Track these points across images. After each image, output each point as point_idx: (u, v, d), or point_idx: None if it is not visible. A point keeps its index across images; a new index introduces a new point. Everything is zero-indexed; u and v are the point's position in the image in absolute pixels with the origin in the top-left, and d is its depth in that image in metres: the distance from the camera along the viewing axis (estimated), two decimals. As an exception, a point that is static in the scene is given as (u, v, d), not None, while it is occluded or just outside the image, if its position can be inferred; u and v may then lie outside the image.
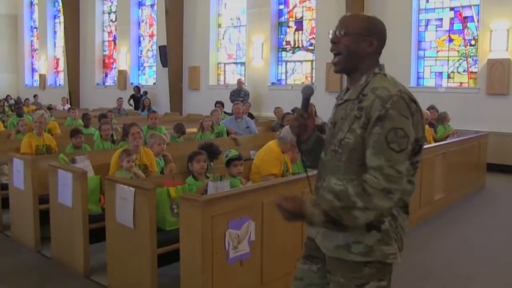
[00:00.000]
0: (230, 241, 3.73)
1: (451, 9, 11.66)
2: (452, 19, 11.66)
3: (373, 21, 2.15)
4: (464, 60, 11.55)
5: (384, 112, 1.91)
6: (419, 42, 12.10)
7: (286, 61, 14.59)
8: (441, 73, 11.89)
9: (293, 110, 9.21)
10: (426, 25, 12.03)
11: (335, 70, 2.18)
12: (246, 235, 3.86)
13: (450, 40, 11.71)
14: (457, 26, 11.60)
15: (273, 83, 14.60)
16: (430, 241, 5.95)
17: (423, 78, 12.12)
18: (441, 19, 11.82)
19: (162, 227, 4.42)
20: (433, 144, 7.80)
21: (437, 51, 11.91)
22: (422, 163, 6.46)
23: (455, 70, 11.69)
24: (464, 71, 11.58)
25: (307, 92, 2.26)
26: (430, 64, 12.04)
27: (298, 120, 2.23)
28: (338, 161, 2.07)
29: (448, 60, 11.78)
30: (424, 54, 12.08)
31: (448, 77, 11.78)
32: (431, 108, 9.72)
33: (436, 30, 11.92)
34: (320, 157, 2.23)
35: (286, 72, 14.59)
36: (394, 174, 1.89)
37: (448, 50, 11.74)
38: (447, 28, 11.72)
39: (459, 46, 11.59)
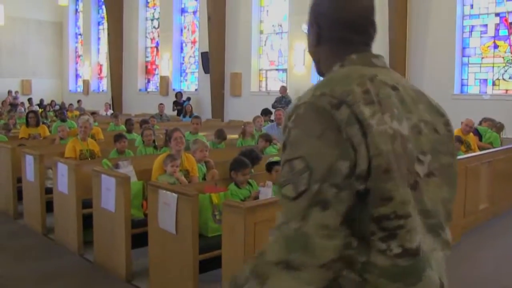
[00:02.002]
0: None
1: (496, 14, 11.35)
2: (497, 25, 11.35)
3: None
4: (510, 66, 11.22)
5: (286, 135, 1.26)
6: (463, 48, 11.81)
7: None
8: (485, 80, 11.58)
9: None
10: (471, 31, 11.74)
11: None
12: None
13: (495, 46, 11.40)
14: (503, 32, 11.28)
15: (314, 90, 14.50)
16: (475, 252, 5.76)
17: (467, 85, 11.82)
18: (486, 25, 11.52)
19: (204, 233, 4.42)
20: (478, 152, 7.57)
21: (482, 58, 11.60)
22: (466, 172, 6.32)
23: (500, 77, 11.36)
24: (510, 78, 11.25)
25: None
26: (475, 71, 11.74)
27: None
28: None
29: (493, 66, 11.46)
30: (468, 61, 11.78)
31: (493, 84, 11.46)
32: (487, 120, 9.34)
33: (480, 36, 11.62)
34: None
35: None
36: (292, 236, 1.18)
37: (493, 57, 11.42)
38: (492, 34, 11.42)
39: (505, 52, 11.26)
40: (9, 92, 22.45)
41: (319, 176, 1.18)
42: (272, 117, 11.98)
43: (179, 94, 17.06)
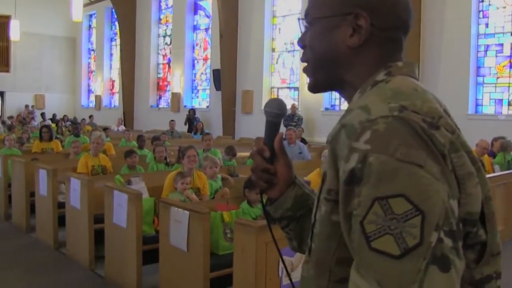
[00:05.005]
0: (284, 268, 3.66)
1: (512, 34, 11.33)
2: (513, 44, 11.32)
3: None
4: (526, 86, 11.17)
5: (356, 161, 0.88)
6: (478, 68, 11.78)
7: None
8: (501, 100, 11.52)
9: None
10: (486, 51, 11.71)
11: (309, 90, 1.20)
12: (299, 263, 3.79)
13: (511, 66, 11.34)
14: (519, 51, 11.25)
15: (326, 109, 14.52)
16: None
17: (482, 105, 11.76)
18: (501, 44, 11.48)
19: (215, 251, 4.41)
20: (493, 174, 7.51)
21: (497, 78, 11.55)
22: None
23: (516, 97, 11.31)
24: (525, 98, 11.20)
25: (274, 110, 1.27)
26: (490, 90, 11.68)
27: (259, 162, 1.25)
28: (307, 256, 1.08)
29: (509, 86, 11.39)
30: (483, 81, 11.73)
31: (509, 104, 11.38)
32: (498, 138, 9.25)
33: (496, 56, 11.58)
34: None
35: (340, 97, 14.48)
36: None
37: (509, 76, 11.36)
38: (508, 54, 11.36)
39: (521, 72, 11.22)
40: (26, 106, 22.79)
41: (434, 222, 0.84)
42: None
43: (192, 111, 17.13)
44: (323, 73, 1.12)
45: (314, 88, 1.17)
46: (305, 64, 1.17)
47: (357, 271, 0.87)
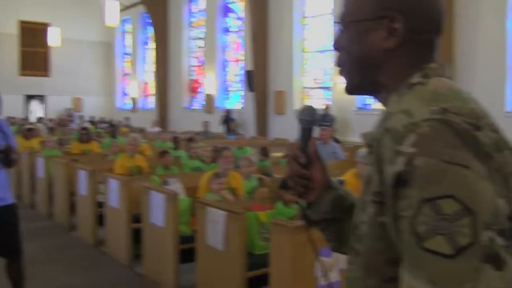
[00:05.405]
0: (320, 268, 3.71)
1: (550, 29, 11.06)
2: (550, 39, 11.05)
3: None
4: None
5: (403, 164, 0.90)
6: (515, 64, 11.53)
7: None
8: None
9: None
10: (523, 46, 11.44)
11: (346, 92, 1.22)
12: (336, 263, 3.82)
13: (549, 61, 11.08)
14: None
15: (359, 108, 14.46)
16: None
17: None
18: (539, 40, 11.21)
19: (251, 251, 4.47)
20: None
21: (536, 74, 11.28)
22: None
23: (555, 93, 11.04)
24: None
25: (306, 117, 1.33)
26: (527, 88, 11.42)
27: (295, 169, 1.30)
28: (353, 258, 1.09)
29: (547, 82, 11.13)
30: (520, 77, 11.48)
31: (547, 100, 11.12)
32: None
33: (534, 51, 11.30)
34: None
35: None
36: None
37: (547, 72, 11.10)
38: (546, 49, 11.10)
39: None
40: (66, 109, 23.47)
41: (484, 221, 0.85)
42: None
43: (228, 112, 17.25)
44: (359, 75, 1.15)
45: (351, 90, 1.20)
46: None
47: (409, 271, 0.89)
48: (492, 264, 0.84)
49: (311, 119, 1.32)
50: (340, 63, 1.19)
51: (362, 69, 1.13)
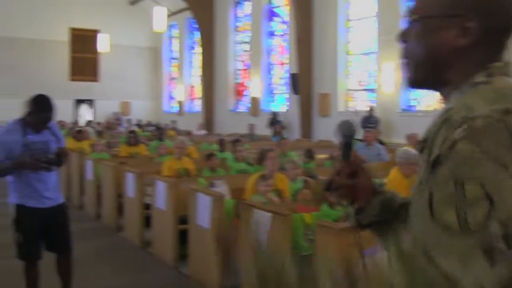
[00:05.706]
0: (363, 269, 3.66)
1: None
2: None
3: None
4: None
5: (446, 147, 0.94)
6: None
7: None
8: None
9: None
10: None
11: (408, 85, 1.24)
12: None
13: None
14: None
15: (403, 109, 14.22)
16: None
17: None
18: None
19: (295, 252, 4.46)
20: None
21: None
22: None
23: None
24: None
25: (345, 132, 1.40)
26: None
27: (341, 181, 1.35)
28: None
29: None
30: None
31: None
32: None
33: None
34: None
35: (417, 98, 14.15)
36: (433, 277, 0.91)
37: None
38: None
39: None
40: (114, 113, 24.07)
41: (501, 217, 0.86)
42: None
43: (274, 114, 17.29)
44: (425, 71, 1.15)
45: (413, 84, 1.21)
46: (404, 59, 1.20)
47: (409, 233, 0.97)
48: (487, 256, 0.87)
49: (348, 133, 1.39)
50: (405, 56, 1.19)
51: (428, 65, 1.13)
